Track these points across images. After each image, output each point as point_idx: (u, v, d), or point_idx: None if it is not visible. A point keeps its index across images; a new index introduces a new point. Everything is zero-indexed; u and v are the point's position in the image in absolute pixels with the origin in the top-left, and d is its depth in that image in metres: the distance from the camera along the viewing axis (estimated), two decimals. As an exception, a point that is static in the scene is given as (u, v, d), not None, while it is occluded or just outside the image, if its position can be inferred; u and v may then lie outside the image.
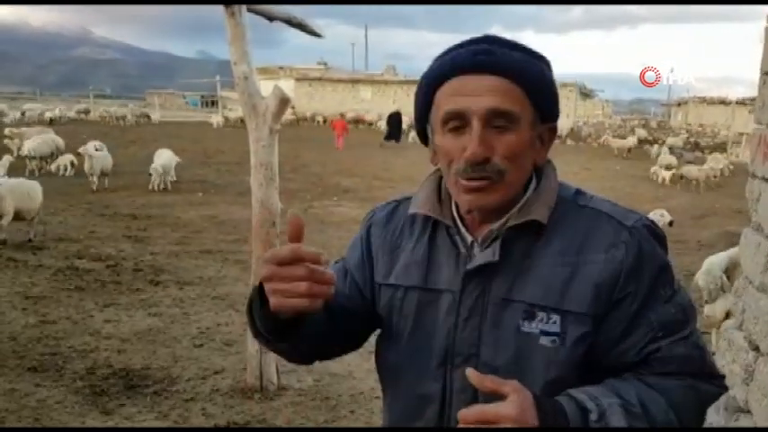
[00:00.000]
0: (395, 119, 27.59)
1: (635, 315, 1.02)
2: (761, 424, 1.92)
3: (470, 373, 0.92)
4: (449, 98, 1.03)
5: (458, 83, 1.03)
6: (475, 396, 1.01)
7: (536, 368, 1.02)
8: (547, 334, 1.02)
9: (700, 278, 5.68)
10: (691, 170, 16.89)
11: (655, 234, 1.06)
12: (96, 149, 12.20)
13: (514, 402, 0.89)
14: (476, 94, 1.01)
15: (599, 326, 1.02)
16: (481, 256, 1.06)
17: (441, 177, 1.15)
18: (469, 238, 1.10)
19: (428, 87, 1.07)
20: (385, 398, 1.22)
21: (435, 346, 1.09)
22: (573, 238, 1.04)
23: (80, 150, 12.27)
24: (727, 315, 4.30)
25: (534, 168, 1.09)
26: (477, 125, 1.00)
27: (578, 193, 1.11)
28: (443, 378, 1.08)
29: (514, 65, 1.02)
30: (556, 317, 1.02)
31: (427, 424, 1.10)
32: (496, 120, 1.00)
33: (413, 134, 29.70)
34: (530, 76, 1.03)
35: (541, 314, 1.02)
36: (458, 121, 1.02)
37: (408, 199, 1.20)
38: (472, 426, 0.89)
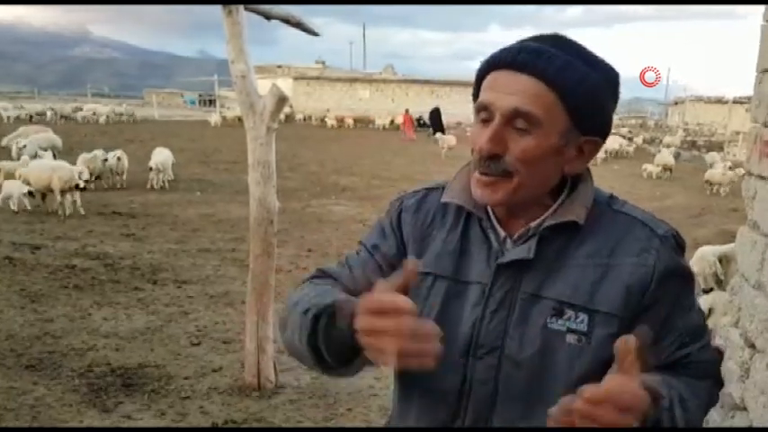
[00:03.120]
0: (435, 114, 27.97)
1: (664, 322, 1.03)
2: (757, 421, 1.93)
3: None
4: (485, 90, 1.04)
5: (495, 76, 1.03)
6: (496, 388, 1.03)
7: (560, 365, 1.02)
8: (573, 332, 1.02)
9: (694, 265, 5.59)
10: (714, 174, 16.07)
11: (680, 245, 1.09)
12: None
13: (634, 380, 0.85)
14: (505, 90, 1.01)
15: (627, 330, 1.00)
16: (515, 252, 1.06)
17: None
18: (503, 233, 1.10)
19: (477, 76, 1.09)
20: (397, 394, 1.19)
21: (459, 336, 1.08)
22: (606, 240, 1.06)
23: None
24: (710, 312, 4.21)
25: (570, 176, 1.10)
26: (497, 121, 1.01)
27: (612, 197, 1.13)
28: (464, 369, 1.07)
29: (552, 69, 0.99)
30: (584, 316, 1.02)
31: (440, 420, 1.09)
32: (518, 120, 1.00)
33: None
34: (567, 83, 0.99)
35: (570, 312, 1.02)
36: (486, 113, 1.03)
37: (436, 189, 1.19)
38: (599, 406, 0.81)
